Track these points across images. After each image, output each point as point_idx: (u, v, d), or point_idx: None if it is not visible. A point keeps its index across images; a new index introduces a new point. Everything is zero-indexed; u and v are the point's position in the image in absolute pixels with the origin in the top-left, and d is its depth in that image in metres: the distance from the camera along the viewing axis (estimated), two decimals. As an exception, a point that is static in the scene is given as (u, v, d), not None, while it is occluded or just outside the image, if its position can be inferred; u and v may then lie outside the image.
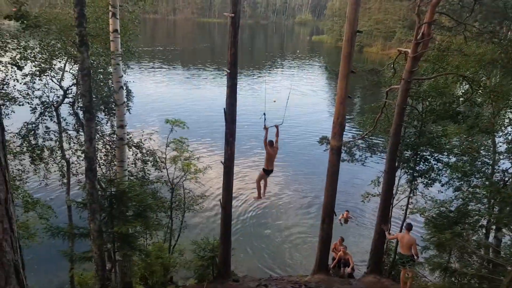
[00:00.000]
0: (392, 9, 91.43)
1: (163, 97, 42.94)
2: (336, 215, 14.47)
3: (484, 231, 14.58)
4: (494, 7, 12.83)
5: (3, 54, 13.24)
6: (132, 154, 16.41)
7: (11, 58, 13.43)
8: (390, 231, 13.88)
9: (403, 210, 16.70)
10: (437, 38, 16.16)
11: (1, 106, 13.71)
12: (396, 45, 74.00)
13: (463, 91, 16.73)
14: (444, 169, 15.76)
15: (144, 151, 16.57)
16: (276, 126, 11.63)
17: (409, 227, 12.90)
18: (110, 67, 14.58)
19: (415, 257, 12.38)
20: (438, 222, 14.05)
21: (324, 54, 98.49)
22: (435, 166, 15.67)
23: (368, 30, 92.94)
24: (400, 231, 16.23)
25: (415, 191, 16.37)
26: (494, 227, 14.40)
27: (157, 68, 61.38)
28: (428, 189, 16.28)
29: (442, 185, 15.92)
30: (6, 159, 1.80)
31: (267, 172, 12.24)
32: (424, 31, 12.68)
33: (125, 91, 15.19)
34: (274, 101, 45.59)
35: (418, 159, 15.61)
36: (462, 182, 15.36)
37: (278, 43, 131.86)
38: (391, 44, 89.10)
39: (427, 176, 15.64)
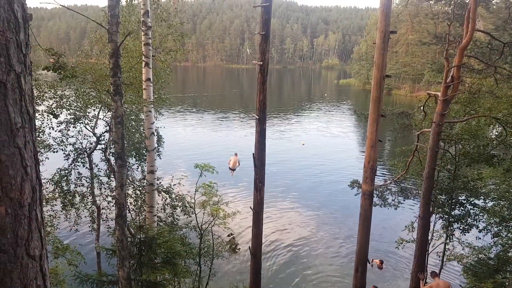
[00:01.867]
0: (420, 52, 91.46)
1: (193, 142, 43.56)
2: (369, 262, 14.00)
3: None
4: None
5: (40, 103, 13.79)
6: (162, 199, 16.50)
7: (47, 106, 13.97)
8: (426, 281, 13.26)
9: (439, 257, 16.04)
10: (467, 80, 15.99)
11: (39, 161, 14.18)
12: (425, 87, 73.66)
13: (496, 133, 16.33)
14: (481, 214, 15.18)
15: (173, 196, 16.65)
16: None
17: (435, 274, 12.40)
18: (142, 114, 14.97)
19: None
20: (477, 270, 13.41)
21: (352, 97, 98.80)
22: (471, 211, 15.11)
23: (396, 73, 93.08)
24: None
25: (451, 237, 15.73)
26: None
27: (187, 113, 62.72)
28: (465, 235, 15.62)
29: (480, 231, 15.28)
30: (42, 214, 1.82)
31: None
32: (454, 74, 12.58)
33: (156, 137, 15.48)
34: (303, 144, 45.64)
35: (453, 203, 15.11)
36: (500, 228, 14.73)
37: (306, 87, 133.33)
38: (420, 86, 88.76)
39: (463, 221, 15.06)
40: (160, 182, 16.38)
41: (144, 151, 15.31)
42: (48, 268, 1.84)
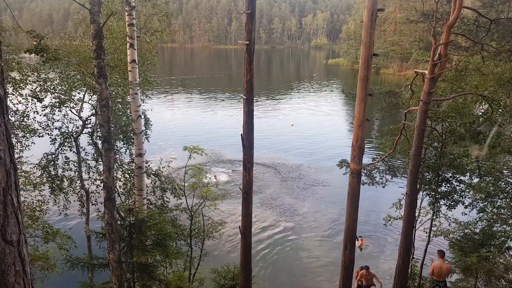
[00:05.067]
0: (408, 30, 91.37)
1: (181, 125, 43.39)
2: (357, 239, 14.16)
3: (511, 253, 14.11)
4: (511, 26, 12.67)
5: (23, 87, 13.55)
6: (151, 182, 16.45)
7: (31, 90, 13.75)
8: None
9: (426, 233, 16.29)
10: (454, 58, 16.00)
11: (19, 142, 14.01)
12: (413, 66, 73.77)
13: (482, 110, 16.45)
14: (467, 190, 15.38)
15: (162, 179, 16.60)
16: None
17: (443, 254, 12.54)
18: (128, 96, 14.81)
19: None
20: (463, 245, 13.67)
21: (340, 77, 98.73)
22: (457, 187, 15.31)
23: (384, 52, 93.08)
24: (424, 254, 15.82)
25: (438, 213, 15.95)
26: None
27: (175, 96, 62.28)
28: (451, 211, 15.85)
29: (466, 207, 15.49)
30: (19, 199, 1.78)
31: None
32: (441, 52, 12.57)
33: (143, 119, 15.35)
34: (292, 125, 45.65)
35: (440, 180, 15.28)
36: (486, 203, 14.94)
37: (294, 67, 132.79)
38: (408, 65, 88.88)
39: (449, 197, 15.26)
40: (149, 165, 16.30)
41: (131, 134, 15.19)
42: (27, 253, 1.81)
